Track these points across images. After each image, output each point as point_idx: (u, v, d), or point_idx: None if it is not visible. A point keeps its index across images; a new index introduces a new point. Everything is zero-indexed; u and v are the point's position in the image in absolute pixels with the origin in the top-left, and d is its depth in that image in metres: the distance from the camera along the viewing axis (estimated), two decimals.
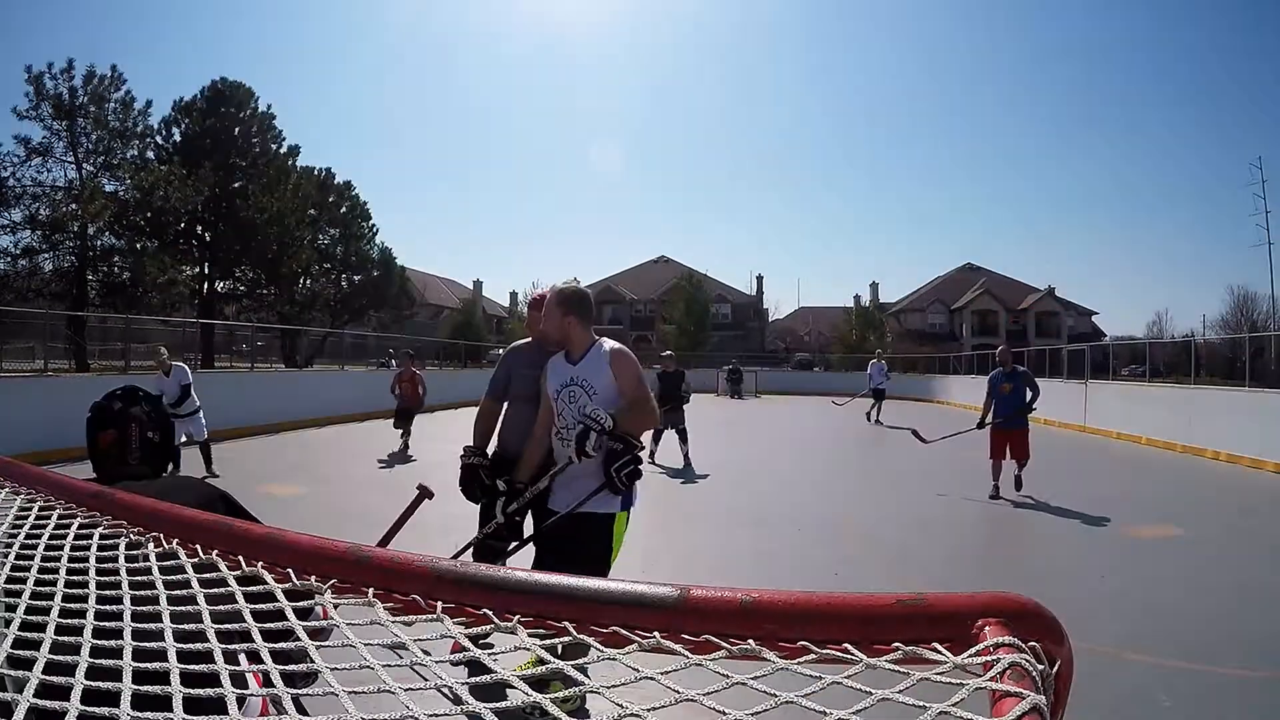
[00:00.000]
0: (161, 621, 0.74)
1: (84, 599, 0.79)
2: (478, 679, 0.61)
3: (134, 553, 0.86)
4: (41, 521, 0.94)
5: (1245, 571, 6.28)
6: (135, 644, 0.71)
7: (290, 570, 0.76)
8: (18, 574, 0.85)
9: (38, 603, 0.80)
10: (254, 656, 0.70)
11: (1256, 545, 7.31)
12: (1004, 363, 10.14)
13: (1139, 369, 30.30)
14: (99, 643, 0.71)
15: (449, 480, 3.93)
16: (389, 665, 0.64)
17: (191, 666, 0.68)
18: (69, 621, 0.76)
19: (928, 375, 40.66)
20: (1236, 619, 5.05)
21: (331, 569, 0.75)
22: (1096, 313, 58.97)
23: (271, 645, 0.69)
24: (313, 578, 0.75)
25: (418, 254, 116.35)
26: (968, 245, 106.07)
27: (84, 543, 0.90)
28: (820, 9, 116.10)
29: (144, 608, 0.77)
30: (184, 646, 0.71)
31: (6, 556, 0.90)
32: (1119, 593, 5.58)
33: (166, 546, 0.84)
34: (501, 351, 6.18)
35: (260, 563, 0.78)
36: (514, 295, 63.65)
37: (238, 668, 0.69)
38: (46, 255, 28.91)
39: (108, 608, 0.78)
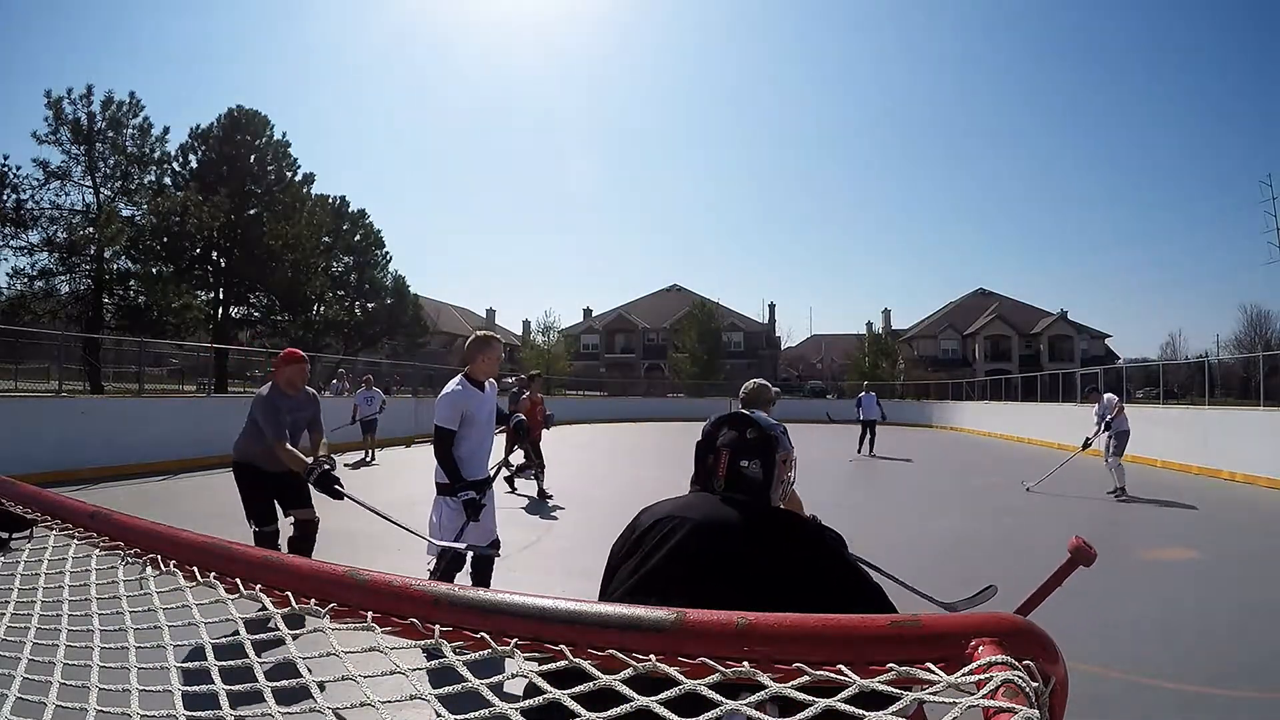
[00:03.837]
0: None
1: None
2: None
3: (131, 577, 0.87)
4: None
5: (1265, 593, 6.18)
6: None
7: (289, 593, 0.76)
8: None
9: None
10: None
11: (1275, 566, 7.21)
12: None
13: (1153, 391, 30.10)
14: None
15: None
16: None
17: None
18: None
19: (940, 401, 40.53)
20: (1256, 642, 4.97)
21: (330, 592, 0.74)
22: (1110, 335, 58.79)
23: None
24: (312, 600, 0.75)
25: (431, 282, 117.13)
26: (979, 271, 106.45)
27: (83, 566, 0.90)
28: (831, 37, 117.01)
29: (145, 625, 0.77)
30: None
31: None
32: (1135, 617, 5.50)
33: (164, 569, 0.84)
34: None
35: (259, 585, 0.78)
36: (526, 324, 63.89)
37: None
38: (63, 278, 29.35)
39: (111, 628, 0.78)
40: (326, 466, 4.97)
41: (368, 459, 16.26)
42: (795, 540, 1.65)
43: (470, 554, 4.72)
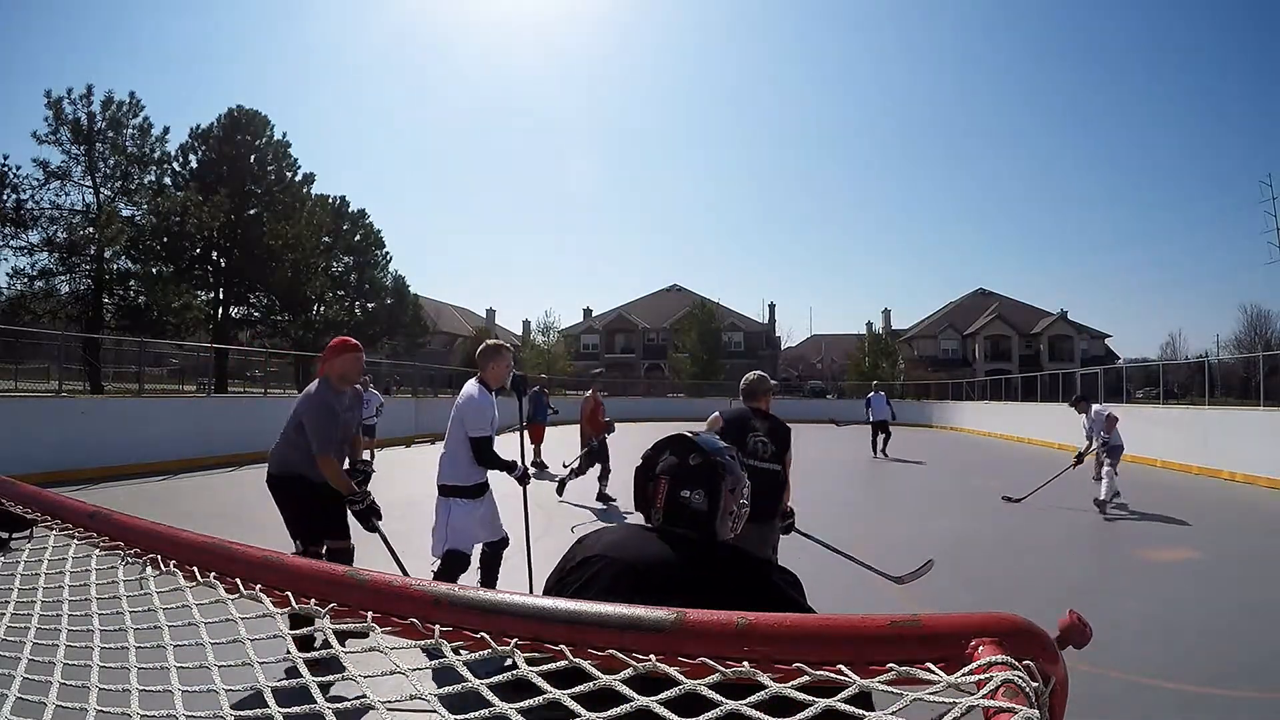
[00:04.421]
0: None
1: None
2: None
3: (132, 577, 0.86)
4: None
5: (1265, 593, 6.18)
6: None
7: (289, 593, 0.76)
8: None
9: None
10: None
11: (1275, 566, 7.21)
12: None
13: (1153, 391, 30.11)
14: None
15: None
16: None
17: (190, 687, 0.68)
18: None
19: (940, 401, 40.53)
20: (1256, 642, 4.97)
21: (329, 592, 0.74)
22: (1110, 335, 58.76)
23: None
24: (311, 600, 0.75)
25: (431, 282, 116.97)
26: (979, 271, 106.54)
27: (83, 566, 0.90)
28: (831, 37, 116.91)
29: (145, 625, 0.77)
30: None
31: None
32: (1136, 617, 5.49)
33: (164, 569, 0.84)
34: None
35: (259, 585, 0.78)
36: (526, 324, 63.88)
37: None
38: (63, 278, 29.34)
39: (111, 628, 0.78)
40: (370, 499, 4.40)
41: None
42: (737, 580, 1.50)
43: (482, 551, 4.88)
